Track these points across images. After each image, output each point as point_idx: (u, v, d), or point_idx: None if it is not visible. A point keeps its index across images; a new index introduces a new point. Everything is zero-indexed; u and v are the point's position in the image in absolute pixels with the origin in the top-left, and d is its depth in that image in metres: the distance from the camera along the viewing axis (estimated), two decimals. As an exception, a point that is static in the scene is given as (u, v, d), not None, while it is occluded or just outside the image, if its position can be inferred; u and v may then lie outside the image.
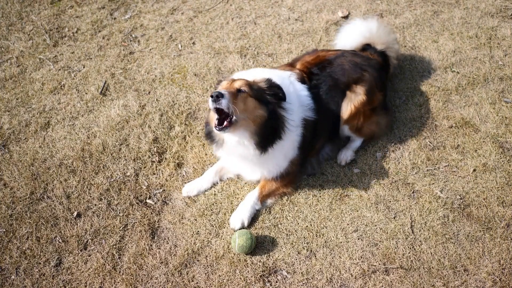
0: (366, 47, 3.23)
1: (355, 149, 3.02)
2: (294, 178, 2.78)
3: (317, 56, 2.95)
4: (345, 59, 2.89)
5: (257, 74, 2.58)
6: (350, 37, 3.25)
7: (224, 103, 2.23)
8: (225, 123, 2.30)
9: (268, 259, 2.52)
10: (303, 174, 2.89)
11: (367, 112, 2.89)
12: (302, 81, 2.75)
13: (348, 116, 2.84)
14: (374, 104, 2.91)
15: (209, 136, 2.58)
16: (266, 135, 2.43)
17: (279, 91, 2.48)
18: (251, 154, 2.47)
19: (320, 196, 2.81)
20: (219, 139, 2.52)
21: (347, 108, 2.83)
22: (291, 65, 2.92)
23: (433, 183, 2.82)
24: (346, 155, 2.97)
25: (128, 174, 2.97)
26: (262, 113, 2.40)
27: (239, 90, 2.36)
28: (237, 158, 2.59)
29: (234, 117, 2.30)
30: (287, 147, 2.60)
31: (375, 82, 2.89)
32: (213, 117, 2.40)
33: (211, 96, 2.24)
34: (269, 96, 2.45)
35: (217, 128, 2.31)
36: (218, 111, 2.30)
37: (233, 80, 2.45)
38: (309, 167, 2.91)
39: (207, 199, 2.82)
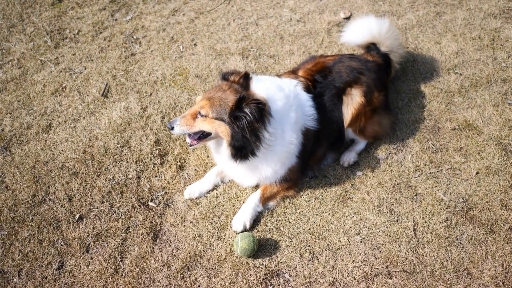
0: (371, 45, 3.22)
1: (358, 151, 3.02)
2: (295, 182, 2.79)
3: (317, 62, 2.97)
4: (342, 65, 2.90)
5: (266, 84, 2.59)
6: (359, 31, 3.25)
7: (175, 132, 2.53)
8: (190, 141, 2.59)
9: (270, 262, 2.52)
10: (305, 177, 2.89)
11: (368, 113, 2.89)
12: (308, 89, 2.75)
13: (350, 119, 2.85)
14: (374, 105, 2.91)
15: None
16: (236, 149, 2.48)
17: (253, 111, 2.36)
18: (229, 159, 2.55)
19: (323, 199, 2.80)
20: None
21: (348, 112, 2.85)
22: (293, 73, 2.91)
23: (436, 186, 2.82)
24: (349, 157, 2.96)
25: (130, 176, 2.96)
26: (224, 130, 2.44)
27: (199, 113, 2.48)
28: (225, 160, 2.61)
29: (202, 134, 2.54)
30: (280, 157, 2.61)
31: (373, 83, 2.90)
32: None
33: (167, 127, 2.58)
34: (239, 115, 2.37)
35: (188, 143, 2.61)
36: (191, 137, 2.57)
37: (202, 99, 2.49)
38: (310, 173, 2.92)
39: (209, 202, 2.81)
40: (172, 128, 2.52)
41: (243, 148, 2.47)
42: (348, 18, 4.02)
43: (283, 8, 4.21)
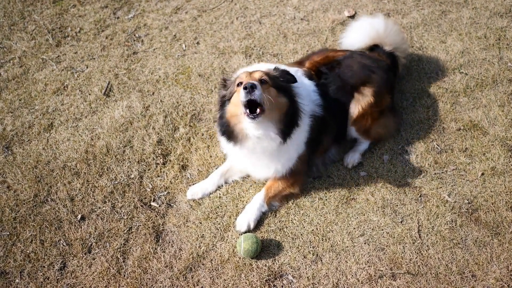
0: (374, 47, 3.19)
1: (362, 152, 2.99)
2: (300, 177, 2.74)
3: (326, 56, 2.93)
4: (353, 60, 2.85)
5: (263, 68, 2.57)
6: (356, 38, 3.20)
7: (257, 94, 2.20)
8: (258, 110, 2.25)
9: (273, 263, 2.50)
10: (309, 176, 2.86)
11: (375, 114, 2.86)
12: (310, 78, 2.74)
13: (356, 118, 2.82)
14: (382, 106, 2.88)
15: (227, 133, 2.47)
16: (288, 123, 2.42)
17: (289, 76, 2.50)
18: (274, 146, 2.43)
19: (326, 200, 2.78)
20: (240, 136, 2.42)
21: (354, 110, 2.80)
22: (299, 63, 2.89)
23: (441, 187, 2.79)
24: (353, 158, 2.94)
25: (132, 176, 2.94)
26: (284, 100, 2.42)
27: (261, 81, 2.34)
28: (257, 153, 2.51)
29: (264, 106, 2.28)
30: (298, 140, 2.57)
31: (384, 84, 2.86)
32: (237, 111, 2.37)
33: (245, 88, 2.20)
34: (283, 83, 2.46)
35: (250, 116, 2.24)
36: (250, 103, 2.24)
37: (250, 73, 2.41)
38: (315, 169, 2.88)
39: (212, 202, 2.80)
40: (255, 87, 2.17)
41: (293, 118, 2.43)
42: (352, 17, 3.98)
43: (286, 6, 4.17)
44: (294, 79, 2.51)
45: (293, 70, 2.64)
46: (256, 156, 2.56)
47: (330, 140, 2.85)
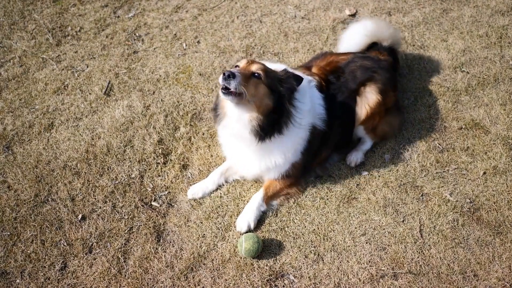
0: (373, 45, 3.19)
1: (365, 151, 2.99)
2: (297, 180, 2.75)
3: (330, 61, 2.93)
4: (355, 64, 2.87)
5: (278, 68, 2.56)
6: (352, 45, 3.19)
7: (233, 85, 2.24)
8: (231, 91, 2.27)
9: (275, 263, 2.50)
10: (308, 177, 2.86)
11: (382, 112, 2.87)
12: (320, 89, 2.72)
13: (365, 117, 2.82)
14: (388, 104, 2.90)
15: (214, 109, 2.58)
16: (267, 124, 2.39)
17: (294, 84, 2.46)
18: (247, 137, 2.43)
19: (328, 199, 2.77)
20: (221, 113, 2.50)
21: (362, 110, 2.81)
22: (307, 69, 2.88)
23: (442, 186, 2.78)
24: (356, 157, 2.93)
25: (133, 176, 2.94)
26: (269, 103, 2.38)
27: (253, 74, 2.34)
28: (235, 140, 2.53)
29: (242, 92, 2.29)
30: (288, 147, 2.56)
31: (387, 82, 2.87)
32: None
33: (223, 74, 2.24)
34: (283, 88, 2.42)
35: (222, 91, 2.28)
36: (226, 88, 2.29)
37: (252, 62, 2.42)
38: (313, 174, 2.89)
39: (213, 202, 2.79)
40: (233, 77, 2.20)
41: (275, 124, 2.40)
42: (353, 15, 3.97)
43: (287, 5, 4.16)
44: (295, 87, 2.46)
45: (307, 79, 2.62)
46: (239, 146, 2.56)
47: (330, 151, 2.86)
